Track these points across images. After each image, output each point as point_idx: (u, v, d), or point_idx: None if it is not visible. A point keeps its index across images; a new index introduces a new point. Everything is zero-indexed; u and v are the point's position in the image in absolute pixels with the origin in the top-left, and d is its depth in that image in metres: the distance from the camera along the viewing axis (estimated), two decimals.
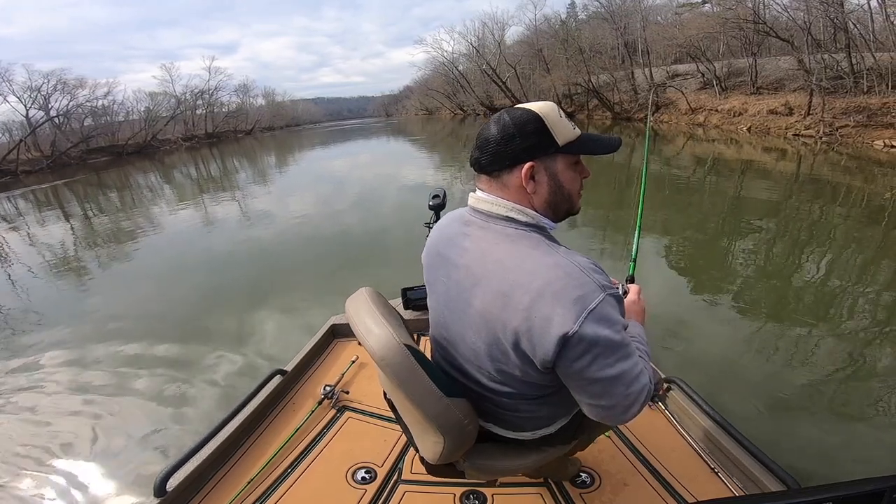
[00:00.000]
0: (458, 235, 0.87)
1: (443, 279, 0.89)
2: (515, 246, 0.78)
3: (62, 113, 29.33)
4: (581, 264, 0.73)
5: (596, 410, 0.77)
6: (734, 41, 19.65)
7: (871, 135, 11.48)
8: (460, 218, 0.89)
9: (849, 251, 4.62)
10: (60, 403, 2.79)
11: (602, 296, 0.70)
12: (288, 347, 3.25)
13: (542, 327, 0.70)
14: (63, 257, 6.66)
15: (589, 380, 0.73)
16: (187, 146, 35.97)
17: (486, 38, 35.92)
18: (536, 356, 0.73)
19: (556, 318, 0.69)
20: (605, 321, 0.70)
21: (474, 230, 0.84)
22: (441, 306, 0.91)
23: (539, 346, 0.71)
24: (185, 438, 2.37)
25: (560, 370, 0.74)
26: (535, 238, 0.79)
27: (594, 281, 0.71)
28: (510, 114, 0.80)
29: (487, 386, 0.88)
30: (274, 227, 7.04)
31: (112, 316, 4.10)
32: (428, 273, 0.96)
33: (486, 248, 0.81)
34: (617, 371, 0.72)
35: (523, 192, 0.80)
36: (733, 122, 16.63)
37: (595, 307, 0.69)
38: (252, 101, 54.52)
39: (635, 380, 0.75)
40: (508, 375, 0.83)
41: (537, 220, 0.81)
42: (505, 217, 0.81)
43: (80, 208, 11.80)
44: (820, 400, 2.40)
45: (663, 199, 7.04)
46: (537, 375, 0.79)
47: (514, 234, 0.79)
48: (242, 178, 14.66)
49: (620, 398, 0.74)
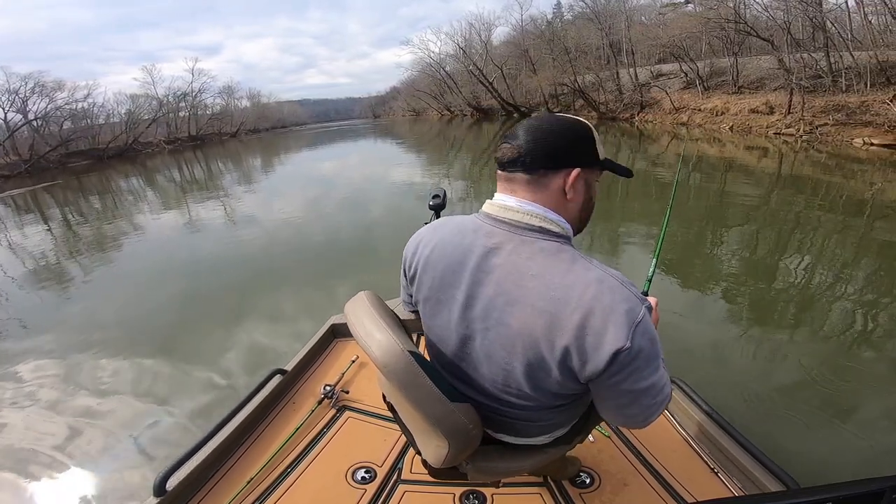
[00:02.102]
0: (481, 249, 0.80)
1: (460, 297, 0.82)
2: (554, 260, 0.75)
3: (41, 116, 28.70)
4: (619, 278, 0.73)
5: (619, 418, 0.79)
6: (716, 41, 19.94)
7: (851, 133, 11.73)
8: (477, 229, 0.82)
9: (841, 251, 4.63)
10: (38, 414, 2.72)
11: (644, 308, 0.71)
12: (278, 351, 3.22)
13: (594, 343, 0.70)
14: (44, 264, 6.49)
15: (622, 391, 0.74)
16: (170, 149, 35.45)
17: (473, 38, 36.11)
18: (585, 371, 0.72)
19: (608, 334, 0.68)
20: (647, 334, 0.71)
21: (502, 243, 0.78)
22: (455, 326, 0.85)
23: (591, 361, 0.71)
24: (170, 445, 2.33)
25: (597, 382, 0.74)
26: (570, 251, 0.76)
27: (635, 294, 0.71)
28: (565, 118, 0.80)
29: (506, 401, 0.85)
30: (262, 230, 6.95)
31: (96, 324, 4.01)
32: (433, 290, 0.87)
33: (520, 264, 0.76)
34: (648, 383, 0.74)
35: (562, 198, 0.79)
36: (716, 121, 16.88)
37: (641, 320, 0.69)
38: (237, 103, 53.93)
39: (660, 391, 0.76)
40: (541, 390, 0.81)
41: (567, 232, 0.79)
42: (538, 228, 0.77)
43: (61, 213, 11.54)
44: (819, 399, 2.39)
45: (648, 199, 7.11)
46: (574, 386, 0.78)
47: (548, 247, 0.76)
48: (228, 181, 14.46)
49: (644, 408, 0.76)
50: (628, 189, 7.69)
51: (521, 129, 0.80)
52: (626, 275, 0.74)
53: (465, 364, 0.87)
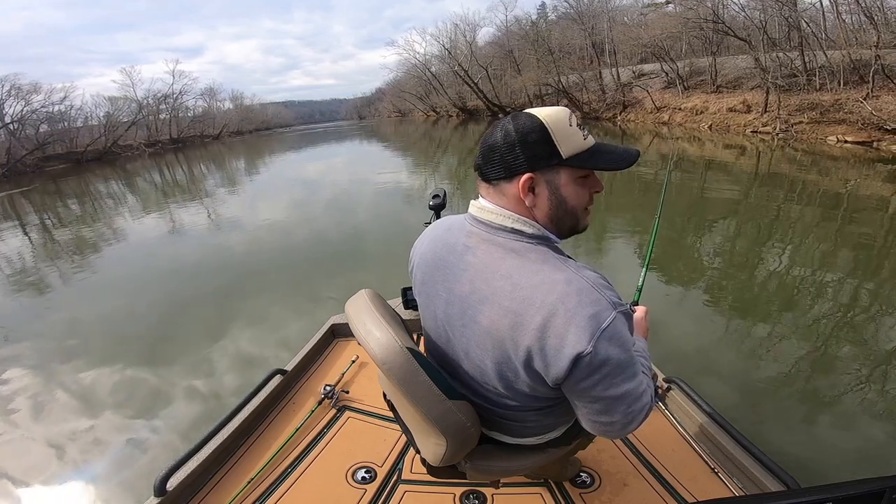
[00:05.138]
0: (461, 247, 0.82)
1: (442, 293, 0.85)
2: (523, 260, 0.75)
3: (17, 119, 27.95)
4: (592, 280, 0.71)
5: (595, 425, 0.77)
6: (696, 41, 20.30)
7: (825, 130, 12.03)
8: (461, 227, 0.85)
9: (829, 245, 4.67)
10: (21, 424, 2.68)
11: (614, 314, 0.69)
12: (265, 357, 3.20)
13: (555, 346, 0.69)
14: (21, 269, 6.35)
15: (593, 398, 0.73)
16: (150, 152, 34.77)
17: (458, 39, 36.03)
18: (549, 375, 0.72)
19: (569, 336, 0.67)
20: (616, 340, 0.69)
21: (478, 242, 0.80)
22: (440, 322, 0.88)
23: (552, 365, 0.70)
24: (152, 458, 2.31)
25: (566, 387, 0.74)
26: (543, 251, 0.76)
27: (606, 298, 0.70)
28: (515, 120, 0.76)
29: (492, 399, 0.86)
30: (246, 234, 6.90)
31: (75, 332, 3.95)
32: (424, 284, 0.91)
33: (491, 263, 0.77)
34: (622, 391, 0.72)
35: (522, 205, 0.77)
36: (696, 119, 17.18)
37: (607, 326, 0.68)
38: (219, 105, 53.19)
39: (637, 399, 0.75)
40: (516, 391, 0.81)
41: (543, 233, 0.78)
42: (511, 229, 0.77)
43: (38, 218, 11.27)
44: (819, 399, 2.40)
45: (631, 196, 7.20)
46: (545, 391, 0.78)
47: (520, 247, 0.76)
48: (210, 184, 14.28)
49: (621, 416, 0.74)
50: (612, 186, 7.76)
51: (483, 137, 0.80)
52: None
53: (451, 360, 0.89)
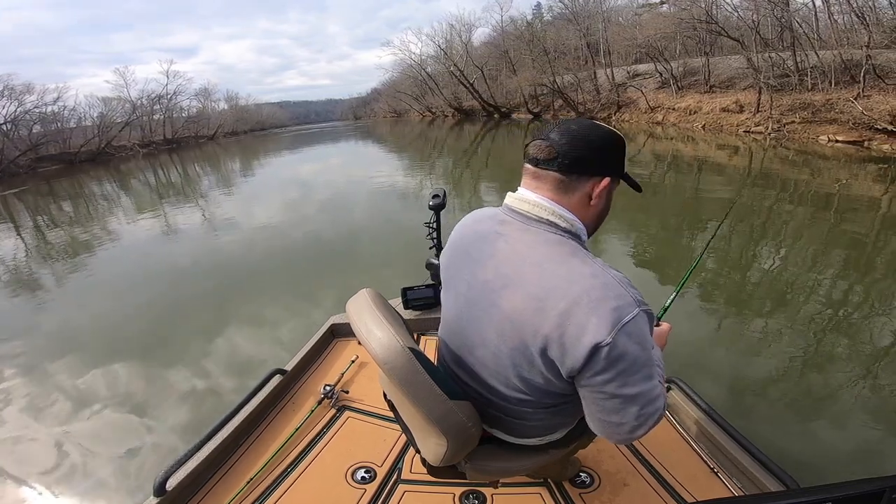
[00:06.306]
0: (492, 234, 0.84)
1: (466, 278, 0.87)
2: (554, 251, 0.77)
3: (9, 120, 27.74)
4: (618, 277, 0.72)
5: (604, 426, 0.76)
6: (689, 41, 20.41)
7: (816, 130, 12.15)
8: (494, 217, 0.87)
9: (821, 245, 4.69)
10: (19, 424, 2.68)
11: (637, 311, 0.70)
12: (263, 358, 3.21)
13: (574, 334, 0.69)
14: (14, 269, 6.32)
15: (607, 394, 0.72)
16: (145, 153, 34.48)
17: (454, 39, 36.11)
18: (565, 364, 0.72)
19: (590, 326, 0.68)
20: (636, 336, 0.69)
21: (511, 231, 0.82)
22: (460, 306, 0.89)
23: (569, 353, 0.70)
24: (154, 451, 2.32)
25: (581, 380, 0.74)
26: (573, 245, 0.78)
27: (630, 295, 0.70)
28: (602, 126, 0.81)
29: (499, 392, 0.86)
30: (241, 235, 6.89)
31: (70, 335, 3.94)
32: (448, 270, 0.93)
33: (522, 251, 0.79)
34: (637, 390, 0.71)
35: (586, 202, 0.81)
36: (689, 119, 17.30)
37: (629, 321, 0.68)
38: (214, 106, 52.85)
39: (651, 402, 0.73)
40: (528, 382, 0.81)
41: (577, 229, 0.80)
42: (547, 221, 0.79)
43: (31, 220, 11.20)
44: (818, 398, 2.41)
45: (626, 197, 7.20)
46: (559, 384, 0.78)
47: (553, 238, 0.78)
48: (205, 185, 14.24)
49: (632, 417, 0.73)
50: None
51: (558, 128, 0.80)
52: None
53: (463, 348, 0.90)
